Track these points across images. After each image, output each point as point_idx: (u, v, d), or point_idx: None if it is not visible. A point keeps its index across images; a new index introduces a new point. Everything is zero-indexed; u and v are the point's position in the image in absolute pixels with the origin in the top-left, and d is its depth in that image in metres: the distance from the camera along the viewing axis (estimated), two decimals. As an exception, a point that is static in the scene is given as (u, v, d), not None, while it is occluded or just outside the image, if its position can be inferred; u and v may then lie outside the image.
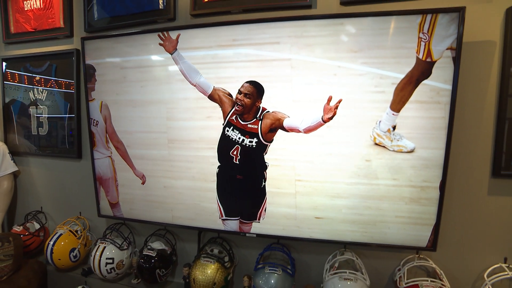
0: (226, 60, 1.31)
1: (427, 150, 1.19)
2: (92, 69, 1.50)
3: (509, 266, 1.26)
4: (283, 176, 1.33)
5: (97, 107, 1.53)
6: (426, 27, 1.12)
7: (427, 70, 1.14)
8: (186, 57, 1.35)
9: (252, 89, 1.29)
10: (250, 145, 1.34)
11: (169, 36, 1.36)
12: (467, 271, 1.32)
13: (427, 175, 1.20)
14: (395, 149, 1.21)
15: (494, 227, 1.28)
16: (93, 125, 1.55)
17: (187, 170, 1.44)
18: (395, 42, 1.15)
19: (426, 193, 1.22)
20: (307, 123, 1.25)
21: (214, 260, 1.45)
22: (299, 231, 1.37)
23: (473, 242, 1.30)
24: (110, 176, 1.57)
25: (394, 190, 1.24)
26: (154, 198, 1.52)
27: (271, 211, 1.38)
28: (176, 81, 1.38)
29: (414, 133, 1.19)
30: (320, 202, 1.32)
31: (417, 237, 1.26)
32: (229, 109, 1.34)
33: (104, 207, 1.63)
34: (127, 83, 1.45)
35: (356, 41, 1.18)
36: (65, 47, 1.79)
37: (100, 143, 1.55)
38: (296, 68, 1.25)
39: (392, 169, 1.23)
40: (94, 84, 1.51)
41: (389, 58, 1.17)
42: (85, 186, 1.84)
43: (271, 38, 1.25)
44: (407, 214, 1.25)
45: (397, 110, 1.19)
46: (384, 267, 1.42)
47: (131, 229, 1.75)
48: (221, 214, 1.44)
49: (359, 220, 1.30)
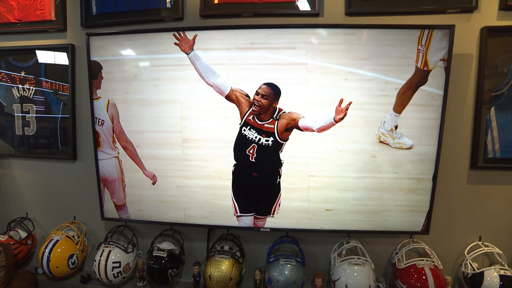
0: (244, 62, 1.36)
1: (422, 146, 1.37)
2: (98, 66, 1.44)
3: (483, 243, 1.50)
4: (297, 172, 1.43)
5: (103, 105, 1.47)
6: (424, 40, 1.30)
7: (424, 78, 1.33)
8: (203, 57, 1.37)
9: (269, 91, 1.37)
10: (267, 144, 1.41)
11: (185, 36, 1.37)
12: (451, 249, 1.54)
13: (423, 168, 1.39)
14: (396, 146, 1.38)
15: (471, 211, 1.52)
16: (97, 124, 1.49)
17: (201, 169, 1.46)
18: (398, 52, 1.31)
19: (422, 184, 1.40)
20: (321, 123, 1.36)
21: (228, 256, 1.49)
22: (311, 223, 1.47)
23: (455, 225, 1.53)
24: (116, 177, 1.52)
25: (395, 182, 1.41)
26: (166, 198, 1.51)
27: (285, 206, 1.46)
28: (192, 80, 1.40)
29: (412, 132, 1.36)
30: (330, 195, 1.44)
31: (413, 223, 1.45)
32: (246, 109, 1.39)
33: (108, 209, 1.57)
34: (138, 81, 1.43)
35: (365, 50, 1.32)
36: (57, 41, 1.68)
37: (106, 143, 1.50)
38: (312, 72, 1.35)
39: (393, 164, 1.39)
40: (100, 82, 1.45)
41: (392, 66, 1.32)
42: (80, 189, 1.74)
43: (288, 43, 1.34)
44: (405, 203, 1.43)
45: (399, 111, 1.35)
46: (383, 251, 1.59)
47: (134, 231, 1.70)
48: (236, 211, 1.49)
49: (365, 210, 1.44)
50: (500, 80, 1.44)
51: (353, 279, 1.38)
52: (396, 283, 1.46)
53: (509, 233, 1.51)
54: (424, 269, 1.37)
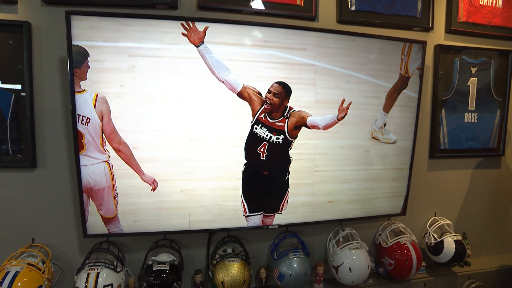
0: (257, 59, 1.35)
1: (403, 141, 1.63)
2: (82, 53, 1.19)
3: (438, 217, 1.87)
4: (304, 168, 1.49)
5: (89, 100, 1.22)
6: (406, 51, 1.54)
7: (406, 83, 1.57)
8: (214, 51, 1.30)
9: (281, 89, 1.39)
10: (277, 142, 1.42)
11: (195, 27, 1.27)
12: (417, 225, 1.86)
13: (403, 160, 1.64)
14: (384, 141, 1.59)
15: (429, 192, 1.87)
16: (81, 123, 1.23)
17: (209, 170, 1.38)
18: (387, 60, 1.52)
19: (402, 173, 1.66)
20: (326, 121, 1.46)
21: (238, 259, 1.45)
22: (315, 215, 1.56)
23: (419, 205, 1.86)
24: (105, 185, 1.29)
25: (383, 172, 1.62)
26: (168, 205, 1.36)
27: (292, 201, 1.51)
28: (202, 75, 1.30)
29: (396, 128, 1.60)
30: (332, 188, 1.56)
31: (395, 206, 1.70)
32: (258, 107, 1.38)
33: (93, 225, 1.31)
34: (136, 73, 1.24)
35: (363, 56, 1.48)
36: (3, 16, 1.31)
37: (92, 145, 1.25)
38: (319, 73, 1.43)
39: (382, 157, 1.61)
40: (85, 72, 1.20)
41: (383, 72, 1.53)
42: (40, 203, 1.40)
43: (299, 44, 1.39)
44: (390, 190, 1.66)
45: (387, 111, 1.57)
46: (368, 234, 1.80)
47: (120, 246, 1.47)
48: (245, 211, 1.46)
49: (359, 199, 1.62)
50: (447, 87, 1.82)
51: (355, 262, 1.53)
52: (383, 260, 1.68)
53: (454, 206, 1.93)
54: (407, 244, 1.63)
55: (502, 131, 1.92)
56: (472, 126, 1.87)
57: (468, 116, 1.86)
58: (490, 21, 1.85)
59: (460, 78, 1.82)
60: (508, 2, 1.88)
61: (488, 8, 1.84)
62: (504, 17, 1.88)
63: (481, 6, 1.83)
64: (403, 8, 1.70)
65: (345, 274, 1.54)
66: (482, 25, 1.84)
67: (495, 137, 1.92)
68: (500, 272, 1.86)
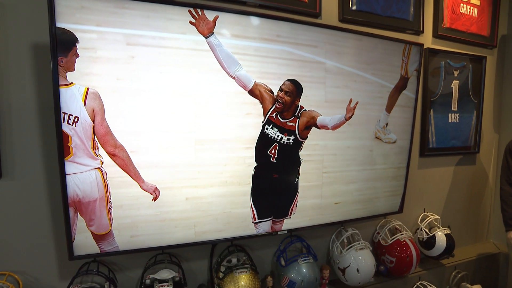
0: (269, 55, 1.26)
1: (402, 140, 1.66)
2: (70, 38, 0.98)
3: (427, 213, 1.96)
4: (313, 170, 1.44)
5: (77, 96, 1.01)
6: (406, 53, 1.57)
7: (405, 84, 1.61)
8: (225, 44, 1.17)
9: (293, 88, 1.32)
10: (288, 143, 1.35)
11: (204, 15, 1.13)
12: (409, 221, 1.93)
13: (401, 159, 1.68)
14: (386, 140, 1.61)
15: (419, 189, 1.96)
16: (67, 123, 1.01)
17: (218, 175, 1.25)
18: (390, 60, 1.54)
19: (400, 172, 1.70)
20: (335, 121, 1.43)
21: (248, 269, 1.35)
22: (322, 218, 1.52)
23: (411, 202, 1.93)
24: (97, 196, 1.08)
25: (384, 172, 1.64)
26: (172, 216, 1.20)
27: (301, 205, 1.45)
28: (211, 70, 1.17)
29: (396, 128, 1.63)
30: (339, 189, 1.53)
31: (393, 205, 1.73)
32: (269, 106, 1.29)
33: (81, 244, 1.10)
34: (136, 65, 1.07)
35: (369, 55, 1.48)
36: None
37: (81, 150, 1.04)
38: (329, 71, 1.39)
39: (384, 156, 1.62)
40: (73, 61, 0.99)
41: (386, 72, 1.54)
42: (8, 221, 1.14)
43: (311, 41, 1.33)
44: (390, 189, 1.69)
45: (389, 111, 1.59)
46: (366, 233, 1.82)
47: (110, 266, 1.27)
48: (254, 217, 1.36)
49: (363, 199, 1.61)
50: (435, 89, 1.91)
51: (362, 262, 1.52)
52: (384, 258, 1.71)
53: (440, 201, 2.04)
54: (406, 241, 1.67)
55: (477, 131, 2.09)
56: (455, 125, 2.00)
57: (452, 116, 1.98)
58: (468, 28, 1.99)
59: (445, 81, 1.93)
60: (482, 12, 2.04)
61: (467, 16, 1.98)
62: (479, 25, 2.04)
63: (461, 14, 1.96)
64: (397, 11, 1.74)
65: (353, 276, 1.52)
66: (462, 31, 1.97)
67: (472, 136, 2.08)
68: (479, 260, 2.02)
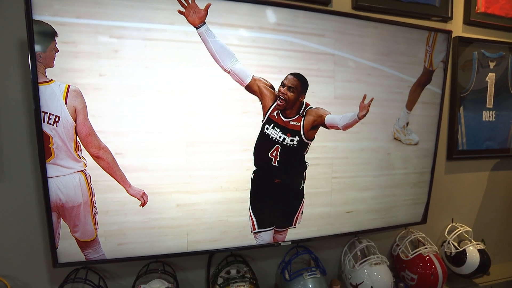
0: (269, 46, 1.13)
1: (426, 142, 1.46)
2: (48, 31, 0.91)
3: (456, 224, 1.73)
4: (321, 175, 1.29)
5: (58, 94, 0.94)
6: (431, 42, 1.37)
7: (429, 77, 1.41)
8: (218, 35, 1.06)
9: (297, 82, 1.18)
10: (291, 145, 1.21)
11: (194, 3, 1.02)
12: (435, 233, 1.71)
13: (425, 163, 1.48)
14: (406, 142, 1.42)
15: (447, 197, 1.73)
16: (47, 123, 0.95)
17: (212, 180, 1.14)
18: (411, 51, 1.35)
19: (424, 177, 1.50)
20: (346, 120, 1.26)
21: (247, 283, 1.22)
22: (332, 228, 1.36)
23: (437, 211, 1.71)
24: (81, 201, 1.01)
25: (405, 177, 1.45)
26: (162, 223, 1.11)
27: (307, 213, 1.30)
28: (203, 64, 1.06)
29: (419, 128, 1.43)
30: (351, 196, 1.36)
31: (415, 214, 1.53)
32: (270, 104, 1.16)
33: (65, 251, 1.04)
34: (121, 60, 0.98)
35: (386, 45, 1.30)
36: None
37: (63, 151, 0.97)
38: (339, 64, 1.23)
39: (404, 160, 1.43)
40: (52, 56, 0.93)
41: (407, 64, 1.35)
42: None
43: (317, 29, 1.18)
44: (411, 197, 1.49)
45: (410, 108, 1.39)
46: (384, 245, 1.63)
47: (100, 273, 1.20)
48: (254, 227, 1.23)
49: (379, 208, 1.43)
50: (465, 83, 1.68)
51: (377, 279, 1.35)
52: (404, 274, 1.51)
53: (472, 211, 1.80)
54: (430, 256, 1.47)
55: (518, 131, 1.81)
56: (490, 125, 1.75)
57: (486, 114, 1.73)
58: (508, 12, 1.73)
59: (478, 74, 1.69)
60: (525, -7, 1.77)
61: (505, -2, 1.72)
62: (521, 9, 1.77)
63: (498, -4, 1.70)
64: (421, -4, 1.53)
65: (367, 294, 1.35)
66: (500, 16, 1.72)
67: (511, 137, 1.81)
68: (520, 280, 1.76)
